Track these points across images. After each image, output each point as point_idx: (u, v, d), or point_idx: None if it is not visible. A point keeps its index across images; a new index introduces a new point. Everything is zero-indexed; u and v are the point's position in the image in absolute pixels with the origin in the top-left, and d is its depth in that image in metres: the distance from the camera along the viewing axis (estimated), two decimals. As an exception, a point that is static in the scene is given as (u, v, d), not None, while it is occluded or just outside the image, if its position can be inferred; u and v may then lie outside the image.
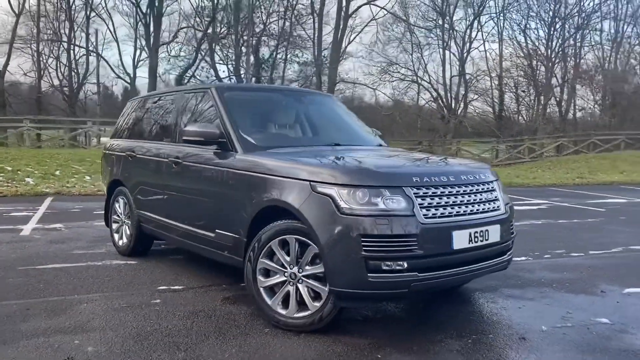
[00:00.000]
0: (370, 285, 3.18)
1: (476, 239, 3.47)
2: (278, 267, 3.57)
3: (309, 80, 29.07)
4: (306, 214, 3.33)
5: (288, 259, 3.53)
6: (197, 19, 28.06)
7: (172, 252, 5.80)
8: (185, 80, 27.47)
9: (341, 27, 27.16)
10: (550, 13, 32.43)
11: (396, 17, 29.92)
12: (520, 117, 34.74)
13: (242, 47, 26.98)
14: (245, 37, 26.34)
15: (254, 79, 29.26)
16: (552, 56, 32.95)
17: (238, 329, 3.55)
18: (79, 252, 5.72)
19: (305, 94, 6.10)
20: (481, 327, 3.68)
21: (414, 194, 3.29)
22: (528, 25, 33.38)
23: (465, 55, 31.31)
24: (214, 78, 28.26)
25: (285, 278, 3.55)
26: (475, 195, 3.59)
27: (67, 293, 4.30)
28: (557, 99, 33.85)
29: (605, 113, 32.62)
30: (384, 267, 3.16)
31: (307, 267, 3.46)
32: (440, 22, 31.13)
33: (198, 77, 28.10)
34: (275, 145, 4.22)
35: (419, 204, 3.28)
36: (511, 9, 32.80)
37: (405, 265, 3.19)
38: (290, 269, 3.52)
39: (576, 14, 32.45)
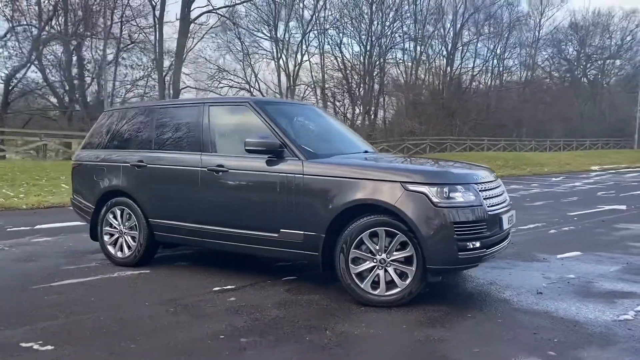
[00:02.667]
0: (459, 261, 4.11)
1: (510, 221, 4.63)
2: (368, 255, 4.28)
3: (147, 87, 28.21)
4: (403, 209, 4.11)
5: (377, 247, 4.26)
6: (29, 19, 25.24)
7: (172, 260, 5.93)
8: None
9: (183, 33, 26.91)
10: (365, 32, 36.24)
11: (234, 25, 30.61)
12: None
13: (73, 49, 25.06)
14: (75, 39, 24.51)
15: (76, 81, 27.37)
16: (366, 70, 36.79)
17: (328, 312, 4.16)
18: (72, 267, 5.53)
19: (308, 105, 6.65)
20: (503, 289, 4.82)
21: (479, 189, 4.30)
22: (347, 42, 36.89)
23: (297, 67, 33.35)
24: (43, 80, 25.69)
25: (374, 264, 4.27)
26: (499, 189, 4.74)
27: (128, 303, 4.39)
28: (368, 108, 37.88)
29: (412, 120, 37.51)
30: (468, 247, 4.12)
31: (395, 253, 4.23)
32: (273, 33, 32.69)
33: (28, 79, 25.30)
34: (325, 153, 4.85)
35: (482, 197, 4.30)
36: (329, 27, 35.78)
37: (478, 244, 4.18)
38: (380, 255, 4.25)
39: (388, 34, 36.78)
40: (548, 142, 43.45)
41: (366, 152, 5.45)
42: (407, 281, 4.22)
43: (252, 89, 35.38)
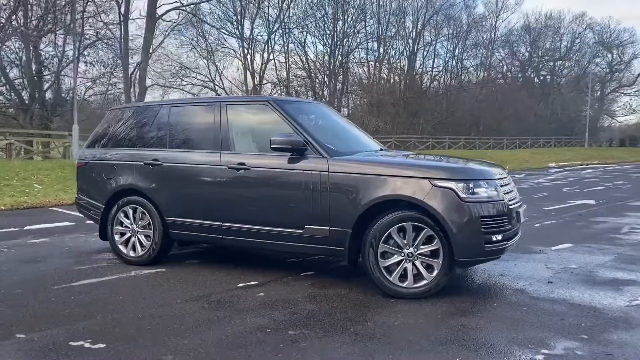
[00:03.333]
0: (486, 253, 4.33)
1: (524, 215, 4.88)
2: (395, 249, 4.45)
3: (110, 84, 27.54)
4: (432, 204, 4.29)
5: (405, 241, 4.43)
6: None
7: (182, 258, 5.93)
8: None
9: (150, 29, 26.41)
10: (330, 32, 36.52)
11: (200, 21, 30.26)
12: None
13: (33, 46, 24.21)
14: (36, 34, 23.68)
15: (36, 78, 26.48)
16: (331, 69, 37.09)
17: (360, 304, 4.31)
18: (85, 267, 5.46)
19: (319, 104, 6.72)
20: (515, 280, 5.08)
21: (500, 185, 4.53)
22: (312, 41, 37.09)
23: (263, 65, 33.28)
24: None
25: (402, 257, 4.44)
26: (512, 185, 4.99)
27: (158, 299, 4.41)
28: (332, 107, 38.20)
29: (377, 119, 38.07)
30: (493, 239, 4.34)
31: (422, 247, 4.41)
32: (238, 31, 32.50)
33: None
34: (345, 151, 4.98)
35: (502, 192, 4.53)
36: (294, 26, 35.88)
37: (501, 237, 4.41)
38: (407, 249, 4.42)
39: (351, 33, 37.17)
40: (505, 140, 44.91)
41: (381, 149, 5.61)
42: (434, 273, 4.40)
43: (216, 87, 35.12)
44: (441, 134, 39.27)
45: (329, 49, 36.32)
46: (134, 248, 5.62)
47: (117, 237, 5.71)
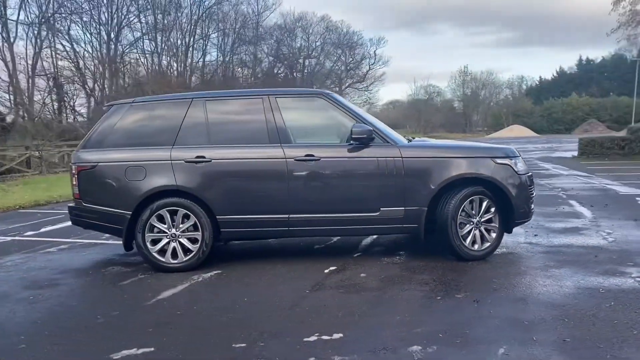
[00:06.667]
0: (529, 215, 5.46)
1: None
2: (467, 219, 5.25)
3: None
4: (497, 177, 5.21)
5: (473, 212, 5.26)
6: None
7: (211, 263, 5.67)
8: None
9: None
10: (105, 24, 33.78)
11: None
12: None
13: None
14: None
15: None
16: (105, 62, 34.39)
17: (460, 273, 5.05)
18: (155, 282, 4.89)
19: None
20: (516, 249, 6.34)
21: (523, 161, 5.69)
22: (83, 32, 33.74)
23: (35, 57, 29.13)
24: None
25: (472, 226, 5.26)
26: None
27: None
28: (108, 101, 35.60)
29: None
30: (532, 206, 5.48)
31: (485, 215, 5.31)
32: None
33: None
34: (399, 139, 5.48)
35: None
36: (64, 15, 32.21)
37: (532, 203, 5.58)
38: (475, 219, 5.27)
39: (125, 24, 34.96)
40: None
41: (414, 138, 6.08)
42: (494, 236, 5.34)
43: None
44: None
45: (103, 41, 33.56)
46: (174, 254, 5.19)
47: (150, 245, 5.18)
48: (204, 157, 5.18)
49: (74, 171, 5.34)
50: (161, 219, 5.19)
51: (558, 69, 61.47)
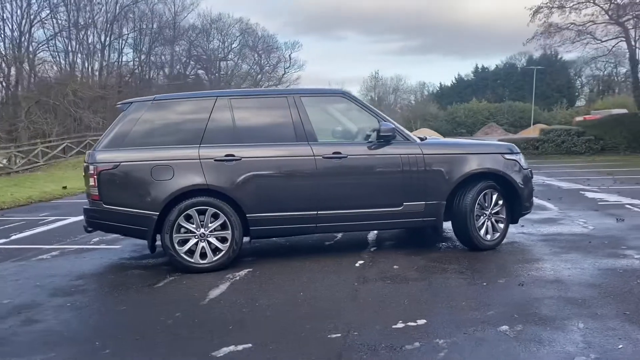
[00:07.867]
0: (531, 207, 5.94)
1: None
2: (482, 211, 5.62)
3: None
4: (507, 172, 5.64)
5: (486, 204, 5.64)
6: None
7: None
8: None
9: None
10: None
11: None
12: None
13: None
14: None
15: None
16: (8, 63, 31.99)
17: (486, 264, 5.41)
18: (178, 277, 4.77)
19: None
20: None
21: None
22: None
23: None
24: None
25: (485, 218, 5.65)
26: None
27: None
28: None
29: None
30: (533, 198, 5.98)
31: (495, 207, 5.71)
32: None
33: None
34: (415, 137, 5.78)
35: (523, 162, 6.20)
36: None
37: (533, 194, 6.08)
38: (487, 210, 5.65)
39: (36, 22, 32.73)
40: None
41: (426, 137, 6.34)
42: (502, 227, 5.76)
43: None
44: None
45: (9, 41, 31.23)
46: (202, 254, 5.10)
47: (179, 246, 5.06)
48: (233, 155, 5.15)
49: (92, 172, 5.08)
50: (189, 219, 5.09)
51: (457, 76, 65.53)
